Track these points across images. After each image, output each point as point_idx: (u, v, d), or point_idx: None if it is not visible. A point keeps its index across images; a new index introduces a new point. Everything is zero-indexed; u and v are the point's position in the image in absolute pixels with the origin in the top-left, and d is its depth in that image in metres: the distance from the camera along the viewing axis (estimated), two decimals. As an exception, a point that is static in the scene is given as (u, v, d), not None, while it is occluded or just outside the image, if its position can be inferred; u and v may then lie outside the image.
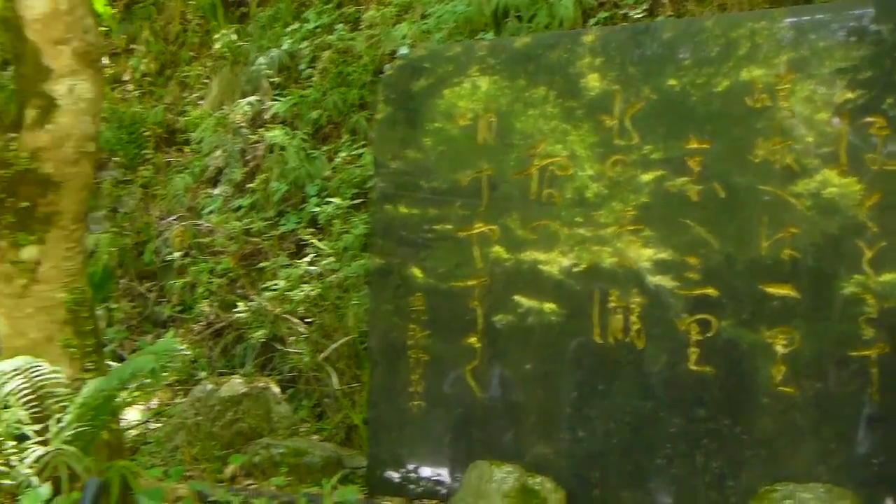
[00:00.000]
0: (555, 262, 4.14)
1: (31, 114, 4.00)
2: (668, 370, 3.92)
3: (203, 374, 6.20)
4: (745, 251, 3.82)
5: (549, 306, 4.14)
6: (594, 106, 4.14)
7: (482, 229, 4.30)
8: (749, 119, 3.84)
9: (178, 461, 5.05)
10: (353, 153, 6.48)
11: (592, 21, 5.83)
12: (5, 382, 3.60)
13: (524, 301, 4.20)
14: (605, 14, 5.85)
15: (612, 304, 4.01)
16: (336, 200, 6.09)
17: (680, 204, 3.93)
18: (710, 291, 3.85)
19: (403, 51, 6.33)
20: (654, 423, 3.93)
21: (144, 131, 8.22)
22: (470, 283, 4.30)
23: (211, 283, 6.63)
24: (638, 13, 5.74)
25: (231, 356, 6.38)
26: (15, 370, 3.64)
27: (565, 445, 4.09)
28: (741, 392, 3.79)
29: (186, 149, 7.98)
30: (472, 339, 4.28)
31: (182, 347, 4.18)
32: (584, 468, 4.04)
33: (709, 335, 3.84)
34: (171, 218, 7.48)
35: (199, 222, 7.16)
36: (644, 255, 3.97)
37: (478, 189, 4.33)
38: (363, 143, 6.54)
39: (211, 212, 7.07)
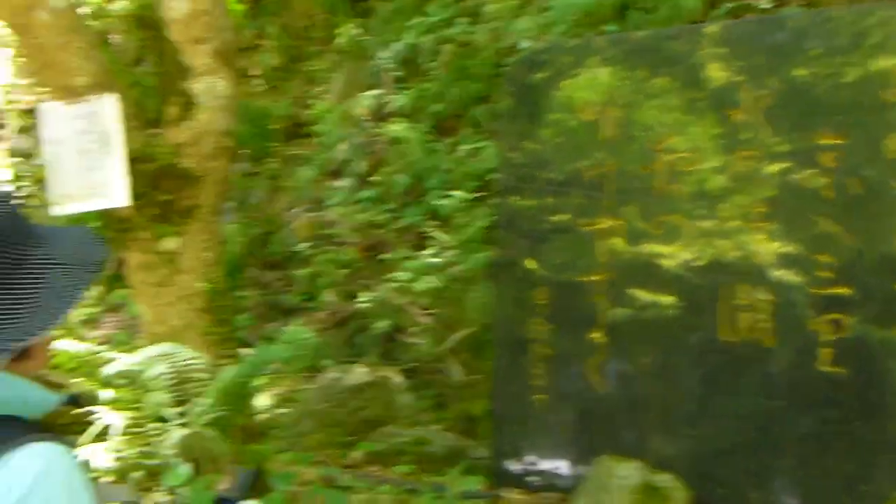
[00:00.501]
0: (676, 256, 4.09)
1: (172, 111, 4.18)
2: (797, 370, 3.83)
3: (328, 362, 6.36)
4: (878, 248, 3.70)
5: (669, 300, 4.10)
6: (717, 97, 4.07)
7: (605, 223, 4.29)
8: (881, 110, 3.71)
9: (305, 447, 5.20)
10: (475, 146, 6.53)
11: (717, 12, 5.70)
12: (151, 367, 3.80)
13: (644, 295, 4.16)
14: (731, 5, 5.71)
15: (738, 301, 3.94)
16: (458, 193, 6.14)
17: (808, 198, 3.83)
18: (842, 290, 3.74)
19: (524, 44, 6.34)
20: (782, 422, 3.84)
21: (271, 125, 8.45)
22: (594, 277, 4.29)
23: (335, 273, 6.78)
24: (765, 4, 5.58)
25: (354, 345, 6.52)
26: (160, 355, 3.83)
27: (689, 443, 4.04)
28: (874, 394, 3.68)
29: (311, 142, 8.17)
30: (596, 334, 4.27)
31: (310, 336, 4.31)
32: (708, 466, 3.99)
33: (840, 335, 3.74)
34: (297, 209, 7.69)
35: (324, 213, 7.33)
36: (771, 250, 3.89)
37: (600, 182, 4.31)
38: (484, 135, 6.57)
39: (335, 203, 7.23)
